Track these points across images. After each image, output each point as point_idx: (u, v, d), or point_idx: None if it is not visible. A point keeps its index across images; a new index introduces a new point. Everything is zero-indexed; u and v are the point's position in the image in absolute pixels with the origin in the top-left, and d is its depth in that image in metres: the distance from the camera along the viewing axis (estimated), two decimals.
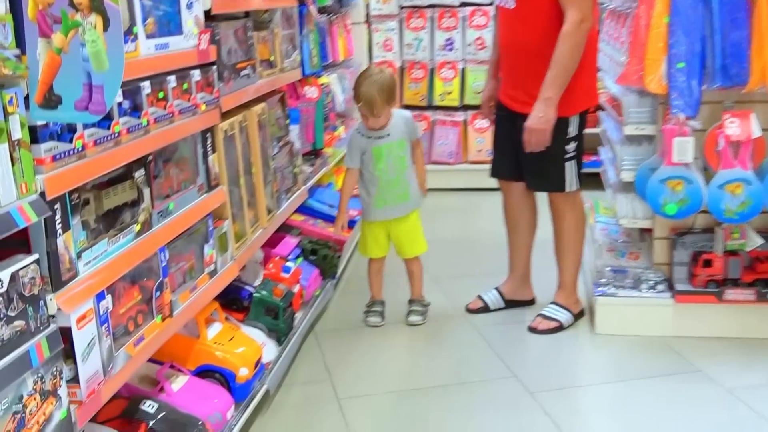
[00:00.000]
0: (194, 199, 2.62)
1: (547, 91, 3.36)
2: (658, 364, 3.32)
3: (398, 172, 3.73)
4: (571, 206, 3.64)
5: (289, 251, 3.69)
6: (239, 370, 2.75)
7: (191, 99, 2.55)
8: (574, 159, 3.57)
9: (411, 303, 3.90)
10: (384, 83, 3.61)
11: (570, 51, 3.34)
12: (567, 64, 3.35)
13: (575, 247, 3.71)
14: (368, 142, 3.70)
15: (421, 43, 6.56)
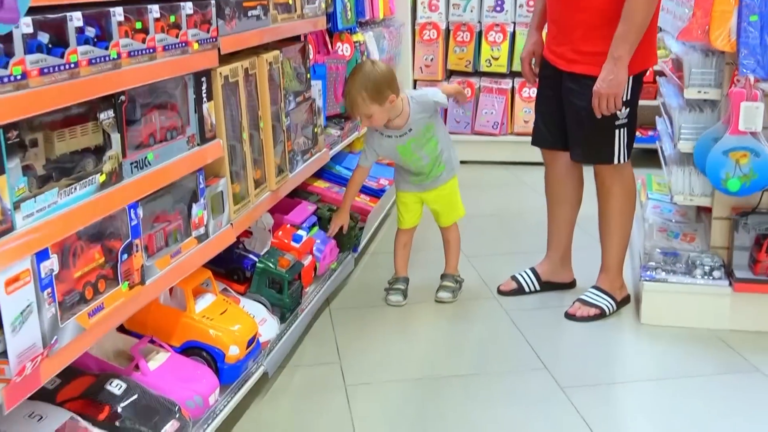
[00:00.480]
0: (182, 152, 2.29)
1: (617, 49, 2.97)
2: (709, 360, 2.94)
3: (432, 155, 3.40)
4: (620, 181, 3.24)
5: (303, 219, 3.36)
6: (229, 348, 2.43)
7: (180, 35, 2.21)
8: (626, 127, 3.15)
9: (444, 278, 3.57)
10: (369, 77, 3.20)
11: (646, 2, 2.94)
12: (641, 16, 2.95)
13: (622, 226, 3.30)
14: (390, 141, 3.35)
15: (469, 3, 6.15)
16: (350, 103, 3.26)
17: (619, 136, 3.15)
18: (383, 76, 3.24)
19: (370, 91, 3.20)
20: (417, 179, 3.45)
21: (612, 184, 3.24)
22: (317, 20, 3.45)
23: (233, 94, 2.61)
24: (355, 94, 3.21)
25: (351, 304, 3.50)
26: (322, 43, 4.24)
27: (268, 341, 2.73)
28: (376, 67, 3.27)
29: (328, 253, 3.40)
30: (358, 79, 3.23)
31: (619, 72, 2.99)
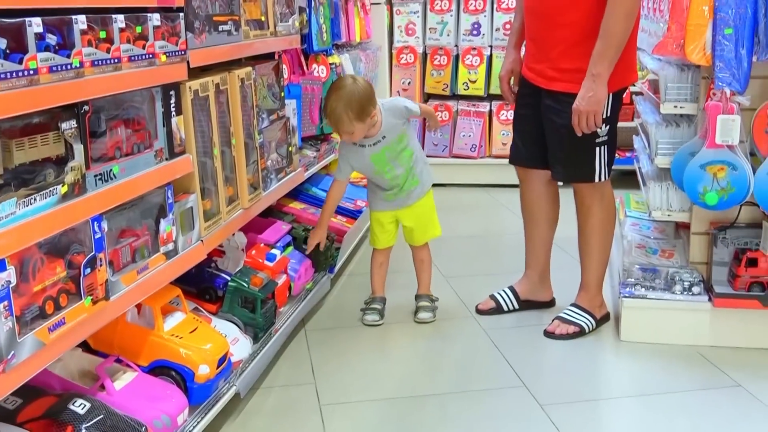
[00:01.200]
0: (149, 166, 2.24)
1: (596, 66, 2.95)
2: (690, 376, 2.89)
3: (406, 165, 3.36)
4: (600, 199, 3.20)
5: (277, 238, 3.30)
6: (198, 367, 2.36)
7: (147, 46, 2.17)
8: (606, 145, 3.12)
9: (419, 298, 3.51)
10: (354, 96, 3.16)
11: (624, 18, 2.92)
12: (619, 33, 2.93)
13: (602, 245, 3.27)
14: (364, 151, 3.30)
15: (446, 27, 6.16)
16: (335, 121, 3.20)
17: (599, 154, 3.12)
18: (366, 93, 3.20)
19: (356, 110, 3.16)
20: (391, 194, 3.40)
21: (592, 202, 3.21)
22: (291, 38, 3.42)
23: (204, 109, 2.57)
24: (341, 113, 3.15)
25: (327, 324, 3.43)
26: (297, 64, 4.21)
27: (241, 361, 2.66)
28: (357, 84, 3.22)
29: (303, 272, 3.34)
30: (343, 97, 3.16)
31: (598, 89, 2.96)
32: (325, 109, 3.25)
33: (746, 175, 2.83)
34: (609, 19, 2.92)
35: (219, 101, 2.68)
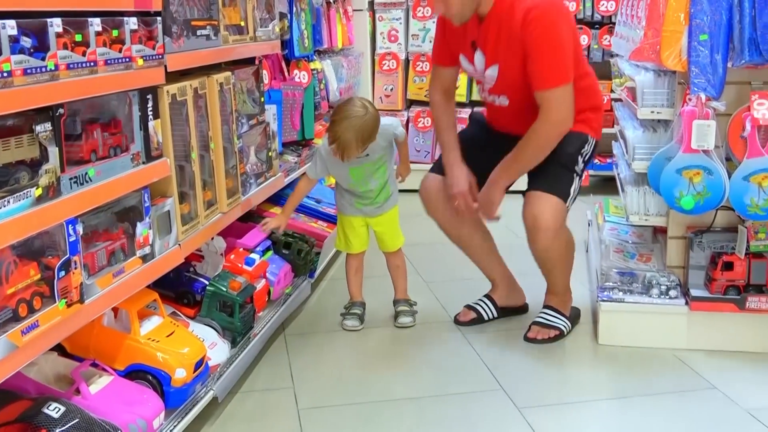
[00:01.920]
0: (126, 169, 2.24)
1: (498, 174, 3.14)
2: (667, 379, 2.90)
3: (381, 180, 3.38)
4: (561, 224, 3.15)
5: (256, 243, 3.30)
6: (175, 371, 2.36)
7: (124, 50, 2.17)
8: (578, 179, 3.17)
9: (397, 303, 3.52)
10: (365, 128, 3.15)
11: (539, 150, 3.08)
12: (529, 160, 3.11)
13: (563, 263, 3.27)
14: (344, 162, 3.27)
15: (428, 34, 6.18)
16: (343, 147, 3.16)
17: (575, 182, 3.15)
18: (376, 123, 3.21)
19: (365, 140, 3.18)
20: (361, 203, 3.40)
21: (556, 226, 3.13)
22: (271, 44, 3.43)
23: (181, 112, 2.57)
24: (351, 142, 3.14)
25: (307, 329, 3.43)
26: (278, 69, 4.22)
27: (218, 365, 2.66)
28: (369, 113, 3.18)
29: (282, 277, 3.34)
30: (355, 127, 3.14)
31: (494, 194, 3.14)
32: (334, 134, 3.16)
33: (722, 179, 2.86)
34: (527, 144, 3.07)
35: (198, 105, 2.68)
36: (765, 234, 2.94)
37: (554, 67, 2.98)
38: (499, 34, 3.04)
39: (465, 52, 3.21)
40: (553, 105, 3.00)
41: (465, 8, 3.03)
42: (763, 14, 2.76)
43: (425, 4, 6.13)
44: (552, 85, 2.99)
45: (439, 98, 3.39)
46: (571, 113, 3.03)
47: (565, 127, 3.04)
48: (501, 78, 3.11)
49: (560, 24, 3.00)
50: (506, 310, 3.49)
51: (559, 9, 3.05)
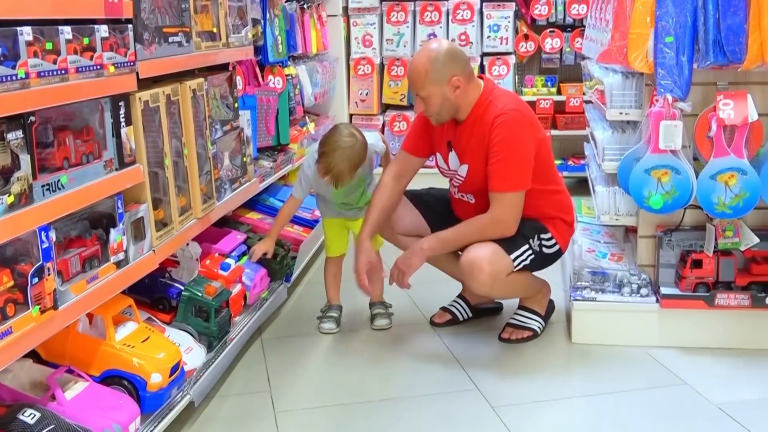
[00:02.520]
0: (99, 176, 2.25)
1: (429, 242, 3.14)
2: (639, 376, 2.95)
3: (358, 190, 3.45)
4: (499, 272, 3.10)
5: (232, 248, 3.32)
6: (150, 376, 2.37)
7: (95, 58, 2.19)
8: (532, 256, 3.12)
9: (373, 306, 3.55)
10: (356, 157, 3.24)
11: (476, 233, 3.09)
12: (464, 237, 3.11)
13: (516, 293, 3.32)
14: (327, 183, 3.31)
15: (402, 39, 6.24)
16: (337, 177, 3.24)
17: (525, 253, 3.11)
18: (365, 149, 3.28)
19: (358, 167, 3.27)
20: (342, 207, 3.48)
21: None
22: (244, 50, 3.45)
23: (154, 119, 2.58)
24: (345, 172, 3.23)
25: (283, 333, 3.45)
26: (252, 75, 4.24)
27: (194, 370, 2.67)
28: (357, 141, 3.25)
29: (258, 281, 3.36)
30: (348, 158, 3.22)
31: (416, 258, 3.13)
32: (327, 166, 3.22)
33: (689, 179, 2.91)
34: (467, 225, 3.11)
35: (171, 112, 2.70)
36: (732, 232, 2.99)
37: (511, 172, 3.03)
38: (471, 137, 3.12)
39: (441, 151, 3.28)
40: (503, 207, 3.04)
41: (443, 112, 3.11)
42: (727, 16, 2.81)
43: (399, 9, 6.17)
44: (505, 188, 3.03)
45: (388, 180, 3.33)
46: (517, 219, 3.06)
47: (507, 229, 3.05)
48: (470, 178, 3.17)
49: (524, 134, 3.06)
50: (480, 310, 3.53)
51: (526, 120, 3.10)
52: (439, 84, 3.04)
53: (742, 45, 2.82)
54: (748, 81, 2.98)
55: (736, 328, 3.09)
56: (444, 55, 3.06)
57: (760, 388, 2.84)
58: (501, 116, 3.04)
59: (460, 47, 3.23)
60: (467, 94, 3.10)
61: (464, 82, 3.07)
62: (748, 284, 3.05)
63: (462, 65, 3.09)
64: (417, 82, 3.08)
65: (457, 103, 3.09)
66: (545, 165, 3.19)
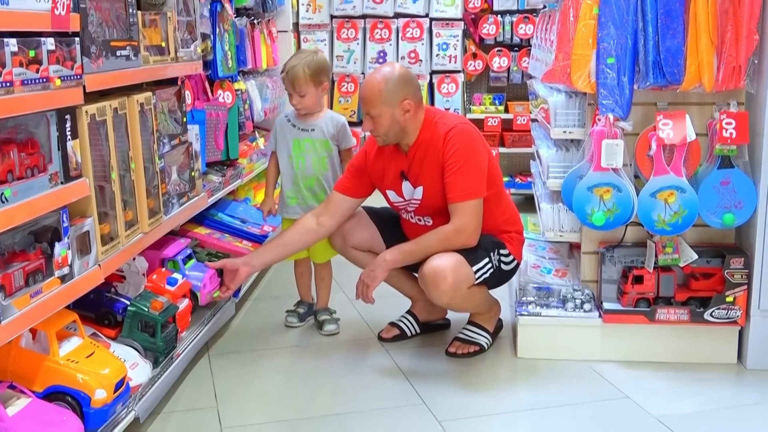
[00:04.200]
0: (44, 189, 2.23)
1: (392, 254, 3.18)
2: (581, 390, 3.00)
3: (316, 172, 3.55)
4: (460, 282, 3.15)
5: (177, 251, 3.30)
6: (95, 392, 2.35)
7: (41, 70, 2.17)
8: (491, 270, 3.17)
9: (320, 313, 3.67)
10: (312, 61, 3.47)
11: (439, 243, 3.11)
12: (427, 248, 3.13)
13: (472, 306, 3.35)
14: (291, 131, 3.57)
15: (353, 55, 6.28)
16: (292, 76, 3.45)
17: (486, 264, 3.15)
18: (322, 62, 3.53)
19: (312, 70, 3.44)
20: (295, 198, 3.58)
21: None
22: (192, 65, 3.44)
23: (101, 133, 2.57)
24: (299, 70, 3.43)
25: (231, 349, 3.44)
26: (201, 90, 4.22)
27: (140, 385, 2.65)
28: (317, 54, 3.53)
29: (207, 281, 3.33)
30: (302, 58, 3.48)
31: (379, 271, 3.16)
32: (285, 65, 3.49)
33: (630, 196, 2.99)
34: (430, 235, 3.14)
35: (118, 125, 2.68)
36: (672, 248, 3.07)
37: (468, 181, 3.08)
38: (425, 158, 3.17)
39: (393, 186, 3.31)
40: (464, 216, 3.09)
41: (390, 134, 3.17)
42: (666, 39, 2.91)
43: (349, 26, 6.22)
44: (465, 197, 3.08)
45: (309, 220, 3.38)
46: (478, 228, 3.11)
47: (470, 237, 3.10)
48: (426, 199, 3.21)
49: (476, 144, 3.14)
50: (428, 326, 3.56)
51: (476, 132, 3.19)
52: (390, 105, 3.10)
53: (681, 67, 2.92)
54: (687, 101, 3.07)
55: (675, 342, 3.17)
56: (397, 78, 3.13)
57: (698, 401, 2.91)
58: (452, 130, 3.12)
59: (413, 73, 3.28)
60: (415, 119, 3.17)
61: (414, 107, 3.14)
62: (687, 299, 3.13)
63: (414, 91, 3.16)
64: (369, 100, 3.13)
65: (405, 127, 3.14)
66: (496, 180, 3.25)
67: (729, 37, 2.89)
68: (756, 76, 2.96)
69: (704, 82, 2.92)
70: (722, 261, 3.09)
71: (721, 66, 2.91)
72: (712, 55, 2.91)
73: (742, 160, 3.01)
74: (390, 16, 6.17)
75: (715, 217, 3.01)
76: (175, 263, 3.29)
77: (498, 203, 3.25)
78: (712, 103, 3.06)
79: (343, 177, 3.43)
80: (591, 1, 2.97)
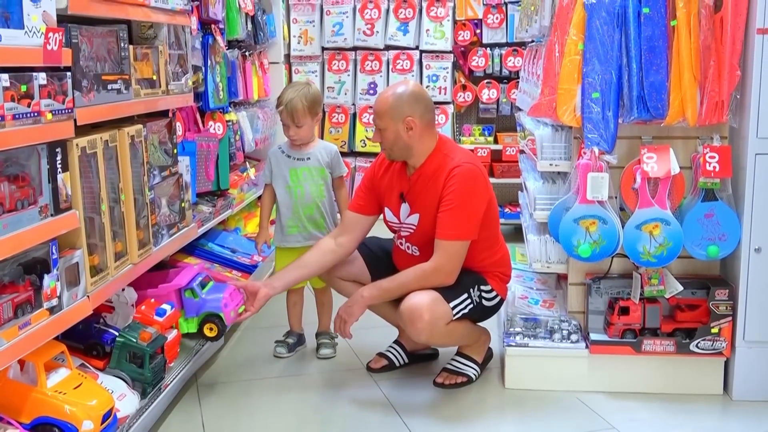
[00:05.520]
0: (33, 222, 2.25)
1: (369, 291, 3.20)
2: (568, 421, 3.02)
3: (315, 199, 3.60)
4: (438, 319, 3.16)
5: (189, 280, 3.31)
6: (82, 423, 2.35)
7: (32, 105, 2.20)
8: (471, 306, 3.20)
9: (319, 336, 3.74)
10: (309, 94, 3.56)
11: (416, 281, 3.14)
12: (403, 286, 3.16)
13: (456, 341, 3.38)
14: (287, 161, 3.61)
15: (343, 87, 6.34)
16: (291, 108, 3.52)
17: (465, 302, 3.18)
18: (317, 94, 3.65)
19: (310, 102, 3.54)
20: (296, 227, 3.60)
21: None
22: (183, 97, 3.48)
23: (91, 165, 2.59)
24: (298, 102, 3.51)
25: (220, 379, 3.44)
26: (192, 121, 4.26)
27: (128, 417, 2.65)
28: (310, 86, 3.64)
29: (228, 299, 3.32)
30: (302, 91, 3.56)
31: (356, 307, 3.18)
32: (282, 99, 3.57)
33: (616, 228, 3.02)
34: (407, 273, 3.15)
35: (108, 158, 2.71)
36: (657, 280, 3.09)
37: (460, 221, 3.11)
38: (425, 188, 3.21)
39: (391, 205, 3.35)
40: (446, 255, 3.11)
41: (395, 149, 3.22)
42: (650, 74, 2.96)
43: (340, 57, 6.28)
44: (452, 237, 3.11)
45: (328, 241, 3.41)
46: (457, 269, 3.13)
47: (447, 277, 3.12)
48: (420, 227, 3.24)
49: (478, 188, 3.16)
50: (417, 356, 3.57)
51: (481, 175, 3.20)
52: (394, 120, 3.16)
53: (664, 101, 2.97)
54: (671, 135, 3.12)
55: (661, 373, 3.19)
56: (408, 96, 3.19)
57: (684, 431, 2.92)
58: (458, 167, 3.14)
59: (427, 95, 3.31)
60: (421, 139, 3.19)
61: (419, 125, 3.17)
62: (673, 331, 3.15)
63: (421, 110, 3.19)
64: (377, 112, 3.21)
65: (410, 144, 3.18)
66: (492, 223, 3.28)
67: (712, 72, 2.95)
68: (738, 111, 3.01)
69: (688, 117, 2.97)
70: (707, 292, 3.12)
71: (704, 101, 2.97)
72: (695, 90, 2.97)
73: (726, 193, 3.06)
74: (381, 48, 6.25)
75: (699, 249, 3.05)
76: (192, 291, 3.32)
77: (489, 246, 3.28)
78: (696, 137, 3.11)
79: (355, 196, 3.49)
80: (576, 36, 3.02)
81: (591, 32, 2.99)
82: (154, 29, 3.25)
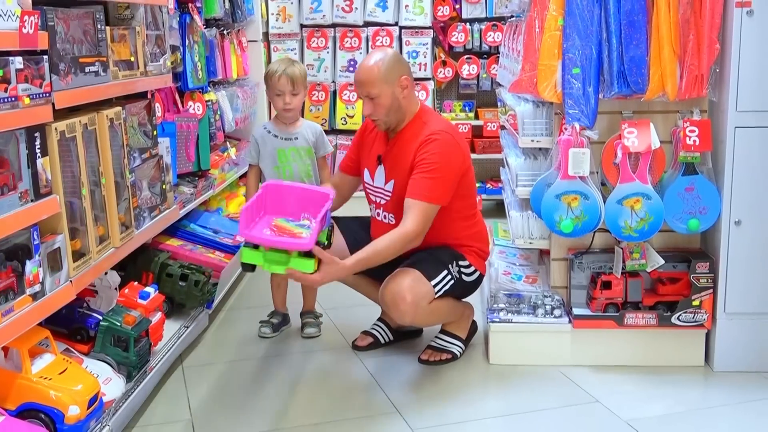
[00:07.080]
0: (14, 208, 2.24)
1: (351, 260, 2.99)
2: (552, 395, 3.04)
3: (302, 179, 3.57)
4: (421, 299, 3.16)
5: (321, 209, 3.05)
6: (68, 408, 2.35)
7: (9, 89, 2.18)
8: (452, 282, 3.21)
9: (304, 315, 3.75)
10: (295, 67, 3.55)
11: (385, 249, 3.03)
12: (377, 256, 3.04)
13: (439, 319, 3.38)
14: (274, 141, 3.58)
15: (323, 64, 6.29)
16: (292, 75, 3.49)
17: (444, 276, 3.19)
18: (304, 70, 3.61)
19: (296, 80, 3.51)
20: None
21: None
22: (162, 78, 3.45)
23: (70, 149, 2.57)
24: (297, 72, 3.51)
25: (205, 361, 3.45)
26: (171, 102, 4.22)
27: (114, 400, 2.66)
28: (298, 63, 3.62)
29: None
30: (287, 64, 3.53)
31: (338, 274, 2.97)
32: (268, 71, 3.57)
33: (597, 204, 3.03)
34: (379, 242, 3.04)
35: (87, 141, 2.69)
36: (639, 254, 3.12)
37: (431, 184, 3.08)
38: (401, 152, 3.21)
39: (369, 167, 3.37)
40: (413, 215, 3.05)
41: (391, 114, 3.21)
42: (630, 49, 2.96)
43: (319, 35, 6.24)
44: (422, 197, 3.07)
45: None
46: (424, 231, 3.08)
47: (412, 241, 3.06)
48: (395, 195, 3.24)
49: (453, 156, 3.15)
50: (402, 333, 3.58)
51: (458, 145, 3.20)
52: (389, 83, 3.16)
53: (645, 76, 2.98)
54: (651, 110, 3.13)
55: (644, 346, 3.22)
56: (392, 56, 3.22)
57: (667, 403, 2.96)
58: (434, 134, 3.15)
59: None
60: (411, 99, 3.24)
61: (411, 84, 3.22)
62: (655, 304, 3.18)
63: (408, 69, 3.26)
64: (368, 81, 3.18)
65: (404, 106, 3.20)
66: (467, 194, 3.28)
67: (691, 46, 2.96)
68: (718, 85, 3.03)
69: (667, 91, 2.98)
70: (688, 266, 3.15)
71: (683, 75, 2.98)
72: (674, 64, 2.98)
73: (706, 167, 3.08)
74: (360, 24, 6.20)
75: (680, 222, 3.07)
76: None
77: (466, 217, 3.29)
78: (676, 111, 3.12)
79: (345, 157, 3.57)
80: (556, 12, 3.02)
81: (571, 7, 2.99)
82: (130, 9, 3.22)
